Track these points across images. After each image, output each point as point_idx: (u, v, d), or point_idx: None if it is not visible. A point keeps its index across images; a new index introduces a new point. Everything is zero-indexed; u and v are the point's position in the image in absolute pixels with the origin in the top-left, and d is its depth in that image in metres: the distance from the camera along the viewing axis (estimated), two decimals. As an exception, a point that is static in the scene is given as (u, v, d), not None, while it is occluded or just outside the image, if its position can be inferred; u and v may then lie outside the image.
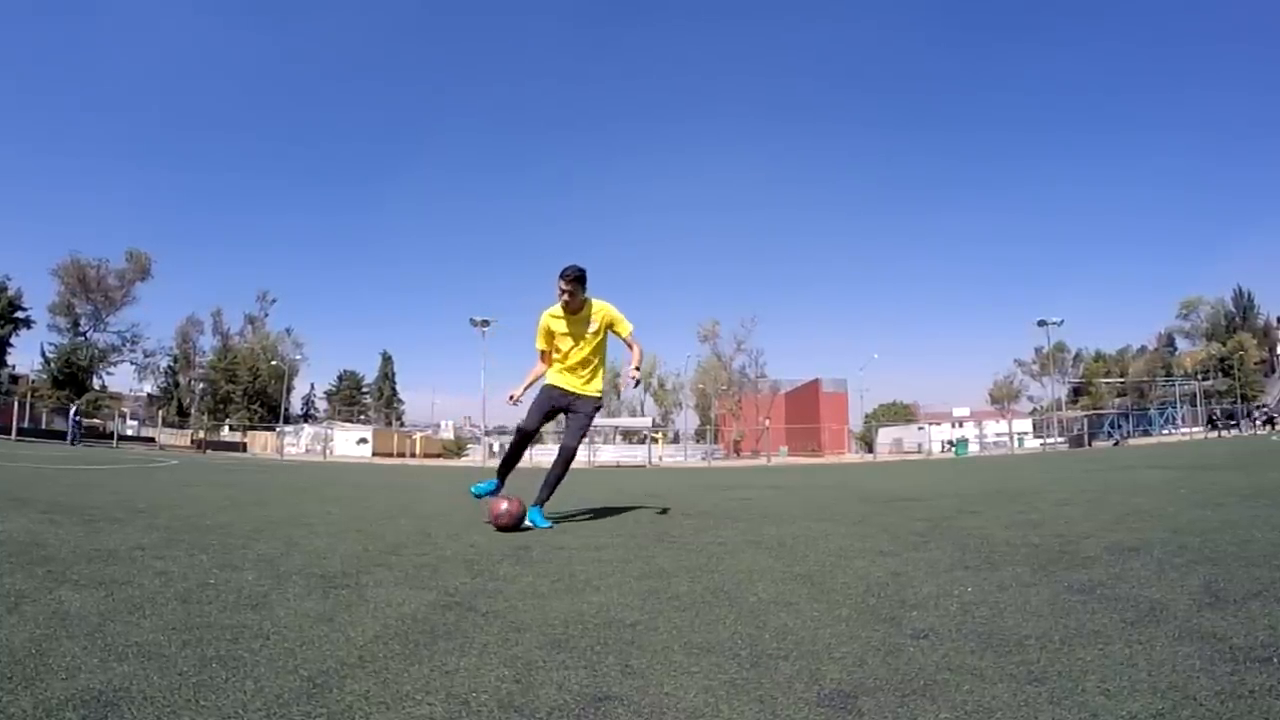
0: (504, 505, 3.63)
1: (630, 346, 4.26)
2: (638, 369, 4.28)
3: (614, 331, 4.19)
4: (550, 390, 4.10)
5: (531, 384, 4.27)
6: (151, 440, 35.85)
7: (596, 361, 4.15)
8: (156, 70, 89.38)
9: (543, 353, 4.23)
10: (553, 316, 4.11)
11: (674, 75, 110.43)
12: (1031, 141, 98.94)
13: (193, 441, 39.59)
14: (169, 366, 57.72)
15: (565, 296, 3.97)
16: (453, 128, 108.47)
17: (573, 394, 4.10)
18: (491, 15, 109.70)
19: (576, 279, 3.95)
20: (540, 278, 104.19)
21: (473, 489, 4.32)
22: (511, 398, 4.24)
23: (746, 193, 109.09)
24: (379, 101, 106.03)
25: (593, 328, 4.07)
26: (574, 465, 4.46)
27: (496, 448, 46.76)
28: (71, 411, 28.82)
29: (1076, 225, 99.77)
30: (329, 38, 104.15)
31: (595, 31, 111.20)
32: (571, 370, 4.10)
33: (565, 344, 4.10)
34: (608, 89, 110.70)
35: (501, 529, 3.57)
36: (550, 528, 3.69)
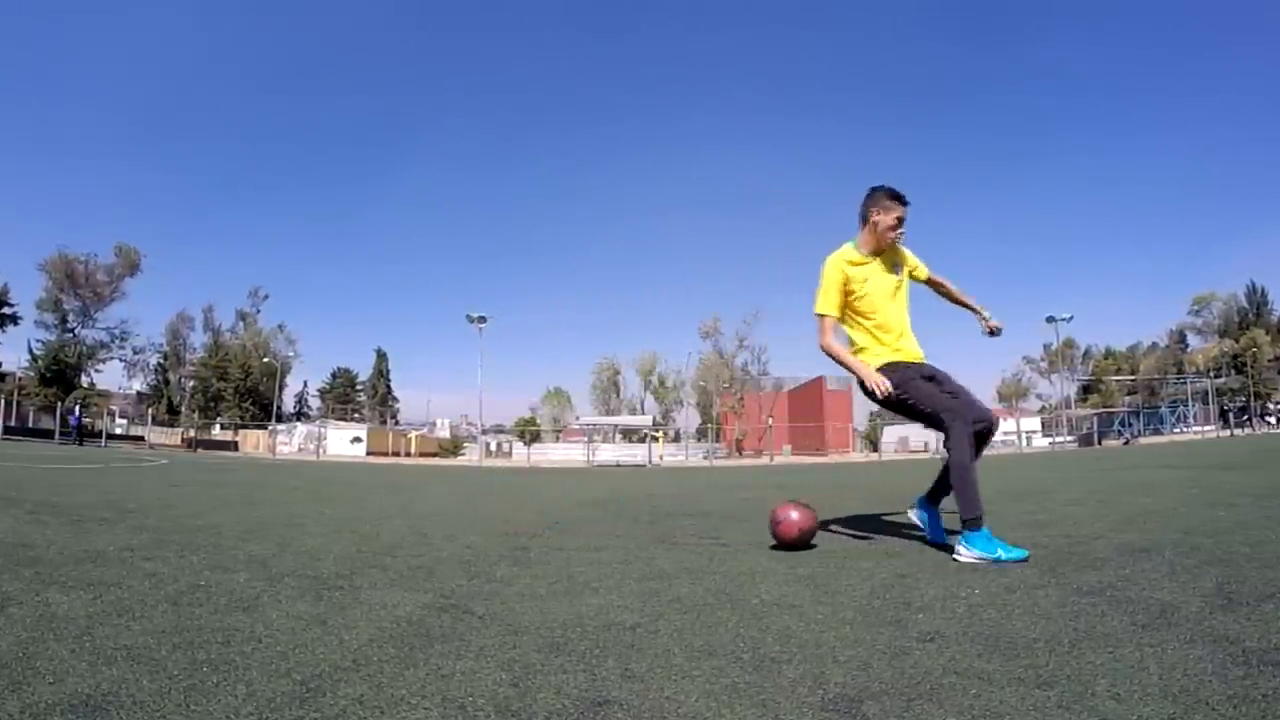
0: (794, 513, 2.82)
1: (960, 296, 3.19)
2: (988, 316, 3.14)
3: (914, 276, 3.11)
4: (908, 366, 2.91)
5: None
6: (141, 439, 35.87)
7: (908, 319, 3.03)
8: (146, 64, 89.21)
9: (830, 318, 2.94)
10: (852, 264, 2.93)
11: (675, 69, 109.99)
12: (1040, 135, 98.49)
13: (183, 440, 39.58)
14: (159, 364, 57.76)
15: (900, 231, 2.93)
16: (448, 121, 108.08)
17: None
18: (486, 9, 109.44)
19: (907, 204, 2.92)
20: (538, 273, 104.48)
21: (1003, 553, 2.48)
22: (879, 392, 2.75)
23: (749, 187, 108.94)
24: (373, 95, 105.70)
25: (900, 274, 3.00)
26: (571, 465, 4.20)
27: (494, 447, 46.76)
28: (76, 411, 28.92)
29: (1086, 219, 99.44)
30: (321, 31, 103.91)
31: (594, 24, 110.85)
32: (902, 337, 2.97)
33: (878, 301, 2.93)
34: (607, 83, 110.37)
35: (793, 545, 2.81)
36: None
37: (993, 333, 3.19)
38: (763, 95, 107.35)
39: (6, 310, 47.37)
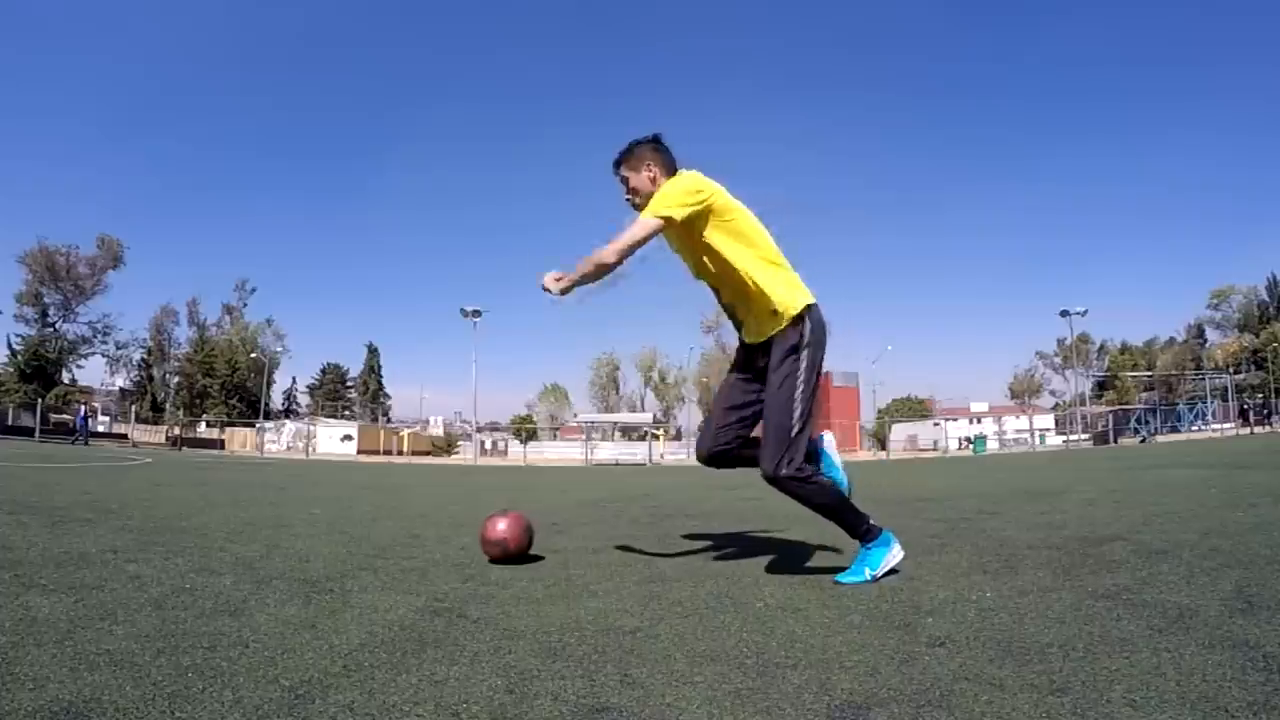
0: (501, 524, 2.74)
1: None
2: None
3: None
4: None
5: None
6: (124, 437, 35.92)
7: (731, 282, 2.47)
8: (130, 49, 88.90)
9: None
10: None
11: (678, 59, 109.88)
12: (1053, 125, 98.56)
13: (167, 438, 39.60)
14: (142, 359, 57.81)
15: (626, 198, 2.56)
16: (444, 111, 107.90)
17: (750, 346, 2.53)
18: (485, 3, 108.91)
19: (617, 161, 2.57)
20: (535, 267, 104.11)
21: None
22: None
23: (753, 179, 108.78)
24: (365, 82, 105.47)
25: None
26: (569, 464, 4.08)
27: (489, 445, 46.77)
28: (82, 411, 29.04)
29: (1101, 211, 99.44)
30: (312, 15, 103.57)
31: (594, 13, 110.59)
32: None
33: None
34: (607, 72, 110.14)
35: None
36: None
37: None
38: (773, 80, 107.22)
39: (-16, 304, 47.33)
